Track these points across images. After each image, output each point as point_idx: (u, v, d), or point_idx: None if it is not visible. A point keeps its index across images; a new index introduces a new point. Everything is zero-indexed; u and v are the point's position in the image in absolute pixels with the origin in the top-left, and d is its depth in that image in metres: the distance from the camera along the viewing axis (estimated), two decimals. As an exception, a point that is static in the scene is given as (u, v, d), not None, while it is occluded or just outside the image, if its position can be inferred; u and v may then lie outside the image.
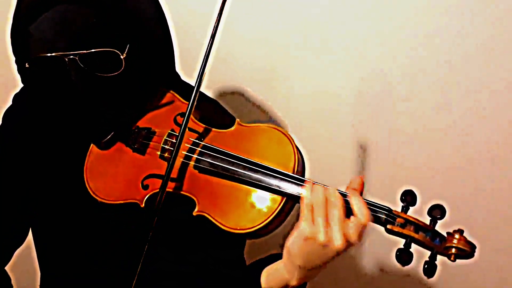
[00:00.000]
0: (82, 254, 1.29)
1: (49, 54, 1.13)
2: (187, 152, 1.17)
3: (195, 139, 1.19)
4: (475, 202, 1.59)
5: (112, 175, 1.22)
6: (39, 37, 1.14)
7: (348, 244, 1.03)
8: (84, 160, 1.24)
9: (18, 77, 1.24)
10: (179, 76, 1.35)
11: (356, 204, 1.04)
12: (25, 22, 1.16)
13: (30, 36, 1.15)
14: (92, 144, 1.25)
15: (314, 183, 1.08)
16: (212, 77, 1.30)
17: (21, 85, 1.31)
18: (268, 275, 1.16)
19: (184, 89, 1.30)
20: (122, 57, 1.15)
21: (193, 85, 1.34)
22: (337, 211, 1.03)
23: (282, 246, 1.10)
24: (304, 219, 1.05)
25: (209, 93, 1.66)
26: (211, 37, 1.14)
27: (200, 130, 1.21)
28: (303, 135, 1.42)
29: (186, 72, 1.40)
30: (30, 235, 1.36)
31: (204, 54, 1.14)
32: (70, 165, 1.27)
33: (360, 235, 1.04)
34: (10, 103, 1.36)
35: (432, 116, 1.63)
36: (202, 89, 1.27)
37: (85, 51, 1.12)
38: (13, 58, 1.22)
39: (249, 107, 1.73)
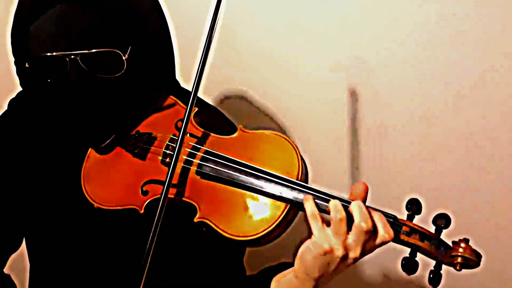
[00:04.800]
0: (77, 260, 1.27)
1: (49, 54, 1.11)
2: (187, 157, 1.16)
3: (195, 144, 1.17)
4: (481, 211, 1.59)
5: (110, 180, 1.21)
6: (40, 36, 1.12)
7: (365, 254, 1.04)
8: (81, 165, 1.22)
9: (15, 81, 1.22)
10: (178, 83, 1.34)
11: (378, 220, 1.03)
12: (26, 21, 1.14)
13: (30, 35, 1.14)
14: (90, 149, 1.23)
15: (321, 193, 1.07)
16: (212, 82, 1.28)
17: (18, 90, 1.29)
18: (278, 283, 1.14)
19: (184, 96, 1.28)
20: (124, 58, 1.14)
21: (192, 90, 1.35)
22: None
23: (294, 255, 1.08)
24: (319, 232, 1.04)
25: (210, 99, 1.65)
26: (206, 39, 1.13)
27: (201, 135, 1.19)
28: (304, 138, 1.42)
29: (186, 79, 1.38)
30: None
31: (200, 57, 1.12)
32: (67, 170, 1.26)
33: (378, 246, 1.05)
34: (5, 108, 1.35)
35: (438, 123, 1.62)
36: (202, 95, 1.25)
37: (86, 51, 1.11)
38: (11, 61, 1.20)
39: (251, 111, 1.72)
